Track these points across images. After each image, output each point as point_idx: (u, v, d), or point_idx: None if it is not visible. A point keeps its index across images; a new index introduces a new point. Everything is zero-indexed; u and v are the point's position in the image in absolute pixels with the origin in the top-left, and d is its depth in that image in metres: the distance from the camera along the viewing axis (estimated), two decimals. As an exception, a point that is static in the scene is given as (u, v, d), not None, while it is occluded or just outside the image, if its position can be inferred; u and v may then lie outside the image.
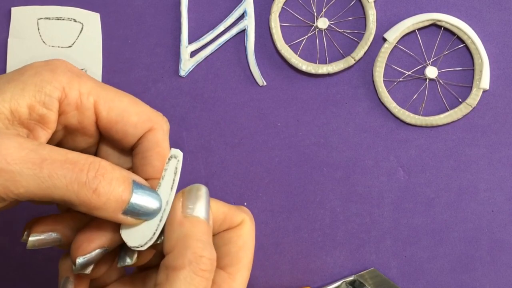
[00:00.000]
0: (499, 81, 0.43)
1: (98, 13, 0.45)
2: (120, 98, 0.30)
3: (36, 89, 0.28)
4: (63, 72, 0.29)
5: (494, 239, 0.43)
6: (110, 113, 0.30)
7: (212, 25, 0.45)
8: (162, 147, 0.31)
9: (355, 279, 0.43)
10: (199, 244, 0.28)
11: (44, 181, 0.26)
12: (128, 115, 0.30)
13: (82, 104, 0.29)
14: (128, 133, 0.30)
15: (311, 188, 0.44)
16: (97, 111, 0.30)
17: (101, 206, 0.27)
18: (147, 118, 0.30)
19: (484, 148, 0.43)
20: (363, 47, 0.43)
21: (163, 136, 0.31)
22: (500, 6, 0.43)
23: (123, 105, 0.30)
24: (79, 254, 0.29)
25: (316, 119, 0.44)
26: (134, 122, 0.30)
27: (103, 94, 0.30)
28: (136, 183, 0.28)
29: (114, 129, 0.30)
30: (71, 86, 0.29)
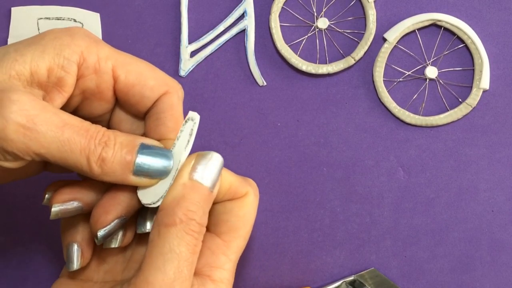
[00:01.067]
0: (499, 81, 0.43)
1: (98, 13, 0.45)
2: (137, 63, 0.31)
3: (55, 52, 0.29)
4: (82, 37, 0.30)
5: (494, 239, 0.43)
6: (128, 76, 0.31)
7: (212, 25, 0.45)
8: (176, 110, 0.32)
9: (355, 279, 0.43)
10: (193, 208, 0.28)
11: (64, 145, 0.27)
12: (146, 78, 0.31)
13: (100, 68, 0.30)
14: (144, 96, 0.31)
15: (311, 188, 0.44)
16: (115, 74, 0.31)
17: (107, 171, 0.28)
18: (163, 82, 0.32)
19: (484, 148, 0.43)
20: (363, 47, 0.43)
21: (177, 100, 0.32)
22: (500, 6, 0.43)
23: (141, 69, 0.31)
24: (99, 227, 0.30)
25: (316, 119, 0.44)
26: (151, 85, 0.31)
27: (120, 58, 0.31)
28: (144, 144, 0.29)
29: (132, 92, 0.31)
30: (90, 50, 0.30)
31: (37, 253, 0.46)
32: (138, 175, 0.29)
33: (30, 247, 0.46)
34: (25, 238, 0.46)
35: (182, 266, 0.28)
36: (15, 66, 0.28)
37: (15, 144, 0.26)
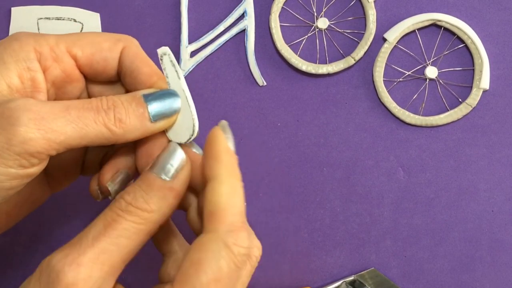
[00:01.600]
0: (499, 81, 0.43)
1: (98, 13, 0.45)
2: (84, 35, 0.33)
3: (13, 60, 0.30)
4: (26, 37, 0.31)
5: (494, 239, 0.43)
6: (84, 49, 0.32)
7: (212, 25, 0.45)
8: (142, 56, 0.33)
9: (355, 279, 0.43)
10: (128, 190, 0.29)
11: (76, 123, 0.28)
12: (99, 43, 0.32)
13: (57, 54, 0.31)
14: (107, 59, 0.32)
15: (311, 188, 0.44)
16: (72, 53, 0.32)
17: (129, 128, 0.29)
18: (116, 39, 0.33)
19: (484, 148, 0.43)
20: (363, 47, 0.43)
21: (137, 48, 0.33)
22: (500, 6, 0.43)
23: (91, 38, 0.32)
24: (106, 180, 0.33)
25: (316, 119, 0.44)
26: (107, 47, 0.32)
27: (69, 38, 0.32)
28: (145, 94, 0.30)
29: (95, 61, 0.32)
30: (40, 44, 0.31)
31: (37, 253, 0.46)
32: (156, 120, 0.30)
33: (30, 247, 0.46)
34: (25, 238, 0.46)
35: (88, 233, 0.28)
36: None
37: (37, 142, 0.27)
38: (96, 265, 0.27)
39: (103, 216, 0.28)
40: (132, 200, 0.29)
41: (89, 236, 0.28)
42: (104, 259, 0.27)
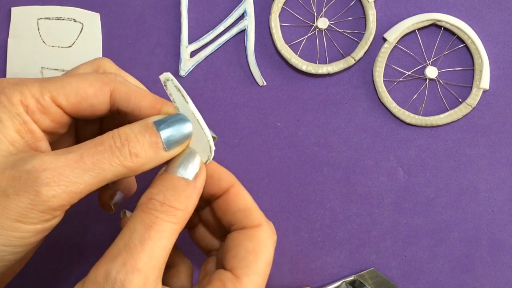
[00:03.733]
0: (499, 81, 0.43)
1: (98, 13, 0.45)
2: (68, 80, 0.32)
3: (8, 117, 0.30)
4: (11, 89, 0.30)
5: (494, 239, 0.43)
6: (68, 99, 0.31)
7: (212, 25, 0.45)
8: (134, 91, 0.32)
9: (355, 279, 0.43)
10: (154, 191, 0.29)
11: (93, 170, 0.28)
12: (84, 91, 0.32)
13: (43, 106, 0.31)
14: (94, 105, 0.32)
15: (311, 188, 0.44)
16: (57, 103, 0.31)
17: (144, 161, 0.29)
18: (101, 84, 0.32)
19: (484, 148, 0.43)
20: (363, 47, 0.43)
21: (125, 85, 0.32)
22: (500, 6, 0.43)
23: (74, 85, 0.32)
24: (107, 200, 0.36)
25: (316, 119, 0.44)
26: (92, 94, 0.32)
27: (52, 86, 0.31)
28: (156, 121, 0.30)
29: (81, 109, 0.32)
30: (25, 96, 0.30)
31: (37, 253, 0.46)
32: (169, 149, 0.30)
33: (30, 247, 0.46)
34: (25, 238, 0.46)
35: (134, 239, 0.28)
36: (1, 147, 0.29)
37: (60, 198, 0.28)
38: (151, 269, 0.28)
39: (139, 219, 0.29)
40: (165, 200, 0.29)
41: (135, 241, 0.28)
42: (154, 262, 0.28)
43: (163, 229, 0.29)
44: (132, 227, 0.29)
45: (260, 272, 0.32)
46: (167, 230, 0.29)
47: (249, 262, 0.32)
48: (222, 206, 0.34)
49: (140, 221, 0.29)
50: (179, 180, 0.30)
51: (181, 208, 0.30)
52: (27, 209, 0.27)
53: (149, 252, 0.28)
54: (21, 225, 0.28)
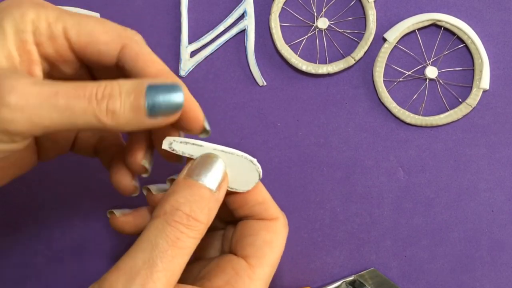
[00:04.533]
0: (499, 81, 0.43)
1: (98, 13, 0.45)
2: (87, 20, 0.31)
3: (13, 31, 0.29)
4: (29, 6, 0.30)
5: (494, 239, 0.43)
6: (79, 36, 0.30)
7: (212, 25, 0.45)
8: (145, 55, 0.31)
9: (355, 279, 0.43)
10: (181, 200, 0.29)
11: (63, 111, 0.27)
12: (97, 34, 0.31)
13: (52, 33, 0.30)
14: (101, 53, 0.31)
15: (311, 188, 0.44)
16: (67, 36, 0.30)
17: (121, 121, 0.28)
18: (116, 35, 0.31)
19: (484, 148, 0.43)
20: (363, 47, 0.43)
21: (139, 46, 0.31)
22: (500, 6, 0.43)
23: (90, 26, 0.31)
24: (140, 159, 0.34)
25: (316, 119, 0.44)
26: (104, 40, 0.31)
27: (70, 19, 0.30)
28: (151, 85, 0.29)
29: (88, 51, 0.31)
30: (39, 17, 0.30)
31: (38, 253, 0.46)
32: (152, 116, 0.28)
33: (30, 247, 0.46)
34: (25, 238, 0.46)
35: (155, 256, 0.27)
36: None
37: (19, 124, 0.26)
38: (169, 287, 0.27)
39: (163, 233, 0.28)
40: (191, 212, 0.28)
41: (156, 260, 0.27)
42: (173, 279, 0.28)
43: (186, 246, 0.28)
44: (153, 242, 0.27)
45: (273, 264, 0.32)
46: (189, 246, 0.28)
47: (264, 253, 0.32)
48: (240, 200, 0.34)
49: (163, 236, 0.28)
50: (205, 190, 0.30)
51: (204, 221, 0.29)
52: None
53: (170, 271, 0.27)
54: None
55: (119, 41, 0.31)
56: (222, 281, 0.31)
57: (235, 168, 0.31)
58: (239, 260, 0.32)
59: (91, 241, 0.46)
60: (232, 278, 0.31)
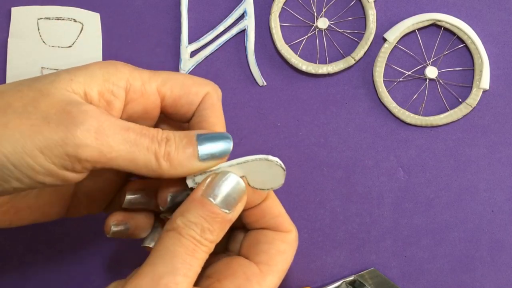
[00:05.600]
0: (499, 81, 0.43)
1: (98, 13, 0.45)
2: (175, 76, 0.34)
3: (103, 79, 0.31)
4: (123, 66, 0.32)
5: (494, 239, 0.43)
6: (173, 90, 0.33)
7: (212, 25, 0.45)
8: (217, 107, 0.34)
9: (355, 279, 0.43)
10: (194, 219, 0.30)
11: (131, 145, 0.29)
12: (189, 87, 0.33)
13: (146, 91, 0.32)
14: (192, 103, 0.33)
15: (311, 188, 0.44)
16: (161, 93, 0.33)
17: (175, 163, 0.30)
18: (204, 85, 0.34)
19: (484, 148, 0.43)
20: (363, 47, 0.43)
21: (217, 99, 0.34)
22: (500, 6, 0.43)
23: (181, 80, 0.34)
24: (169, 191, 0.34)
25: (316, 119, 0.44)
26: (195, 91, 0.33)
27: (160, 78, 0.33)
28: (199, 133, 0.31)
29: (179, 104, 0.33)
30: (133, 76, 0.32)
31: (37, 253, 0.46)
32: (204, 159, 0.30)
33: (30, 247, 0.46)
34: (25, 238, 0.46)
35: (177, 263, 0.29)
36: (71, 84, 0.30)
37: (89, 150, 0.28)
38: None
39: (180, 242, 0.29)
40: (202, 233, 0.30)
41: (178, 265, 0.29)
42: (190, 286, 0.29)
43: (200, 257, 0.30)
44: (172, 250, 0.29)
45: (282, 274, 0.33)
46: (202, 258, 0.30)
47: (277, 262, 0.33)
48: (257, 214, 0.35)
49: (180, 245, 0.29)
50: (218, 212, 0.30)
51: (214, 240, 0.30)
52: (55, 143, 0.27)
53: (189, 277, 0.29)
54: (40, 156, 0.27)
55: (205, 90, 0.34)
56: (233, 285, 0.32)
57: (258, 173, 0.32)
58: (251, 265, 0.33)
59: (91, 241, 0.46)
60: (243, 282, 0.32)
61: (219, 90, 0.35)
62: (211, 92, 0.34)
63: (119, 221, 0.35)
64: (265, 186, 0.33)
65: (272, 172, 0.32)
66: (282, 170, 0.32)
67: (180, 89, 0.33)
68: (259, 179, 0.32)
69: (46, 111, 0.28)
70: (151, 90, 0.33)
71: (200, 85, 0.34)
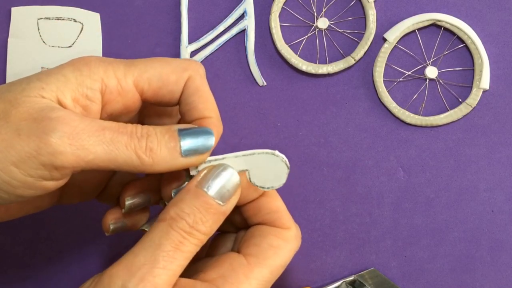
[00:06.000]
0: (499, 81, 0.43)
1: (98, 13, 0.45)
2: (152, 65, 0.32)
3: (77, 83, 0.30)
4: (97, 64, 0.31)
5: (494, 239, 0.43)
6: (151, 84, 0.32)
7: (212, 25, 0.45)
8: (203, 90, 0.33)
9: (355, 279, 0.43)
10: (187, 210, 0.29)
11: (109, 145, 0.28)
12: (167, 76, 0.32)
13: (123, 89, 0.31)
14: (173, 92, 0.32)
15: (311, 188, 0.44)
16: (138, 88, 0.32)
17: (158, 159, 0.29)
18: (183, 69, 0.32)
19: (484, 148, 0.43)
20: (363, 47, 0.43)
21: (200, 80, 0.33)
22: (500, 6, 0.43)
23: (158, 70, 0.32)
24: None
25: (316, 119, 0.44)
26: (174, 80, 0.32)
27: (137, 70, 0.32)
28: (180, 128, 0.30)
29: (160, 95, 0.32)
30: (108, 75, 0.31)
31: (38, 253, 0.46)
32: (187, 155, 0.30)
33: (30, 247, 0.46)
34: (25, 238, 0.46)
35: (158, 255, 0.28)
36: (42, 93, 0.29)
37: (65, 157, 0.27)
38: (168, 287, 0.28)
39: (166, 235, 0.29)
40: (193, 223, 0.29)
41: (158, 257, 0.28)
42: (171, 280, 0.28)
43: (188, 250, 0.29)
44: (157, 242, 0.28)
45: (272, 269, 0.32)
46: (191, 251, 0.29)
47: (267, 256, 0.32)
48: (254, 209, 0.34)
49: (167, 237, 0.29)
50: (212, 203, 0.30)
51: (206, 233, 0.30)
52: (29, 155, 0.27)
53: (170, 270, 0.28)
54: (15, 171, 0.27)
55: (186, 75, 0.33)
56: (216, 274, 0.31)
57: (262, 168, 0.32)
58: (239, 257, 0.32)
59: (91, 241, 0.46)
60: (227, 272, 0.31)
61: (201, 69, 0.34)
62: (193, 76, 0.33)
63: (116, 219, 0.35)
64: (266, 184, 0.32)
65: (276, 169, 0.32)
66: (286, 168, 0.32)
67: (158, 80, 0.32)
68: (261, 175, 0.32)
69: (17, 123, 0.27)
70: (128, 87, 0.31)
71: (179, 72, 0.32)
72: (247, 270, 0.31)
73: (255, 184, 0.32)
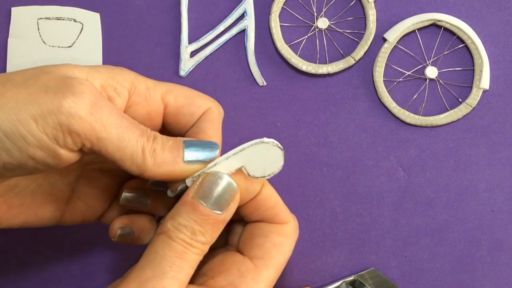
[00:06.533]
0: (499, 81, 0.43)
1: (98, 13, 0.45)
2: (179, 87, 0.34)
3: (108, 76, 0.31)
4: (130, 71, 0.33)
5: (494, 239, 0.43)
6: (177, 99, 0.34)
7: (212, 25, 0.45)
8: (217, 123, 0.34)
9: (355, 279, 0.43)
10: (184, 222, 0.30)
11: (123, 132, 0.29)
12: (193, 98, 0.34)
13: (150, 96, 0.33)
14: (194, 114, 0.34)
15: (311, 188, 0.44)
16: (164, 100, 0.33)
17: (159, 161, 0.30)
18: (207, 99, 0.35)
19: (484, 148, 0.43)
20: (363, 47, 0.43)
21: (218, 116, 0.35)
22: (500, 6, 0.43)
23: (185, 91, 0.34)
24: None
25: (316, 119, 0.44)
26: (198, 103, 0.34)
27: (165, 86, 0.34)
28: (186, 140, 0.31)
29: (181, 114, 0.34)
30: (139, 80, 0.33)
31: (37, 253, 0.46)
32: (189, 162, 0.31)
33: (30, 247, 0.46)
34: (25, 238, 0.46)
35: (165, 266, 0.28)
36: (74, 71, 0.30)
37: (82, 123, 0.27)
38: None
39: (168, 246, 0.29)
40: (192, 236, 0.30)
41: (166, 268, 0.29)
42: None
43: (191, 259, 0.30)
44: (161, 253, 0.29)
45: (279, 267, 0.33)
46: (195, 260, 0.30)
47: (272, 256, 0.33)
48: (252, 207, 0.34)
49: (170, 248, 0.29)
50: (209, 214, 0.30)
51: (207, 242, 0.30)
52: (50, 111, 0.27)
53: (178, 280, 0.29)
54: (33, 125, 0.27)
55: (208, 105, 0.34)
56: (226, 281, 0.31)
57: (256, 159, 0.32)
58: (245, 260, 0.32)
59: (91, 241, 0.46)
60: (236, 278, 0.31)
61: (221, 108, 0.35)
62: (213, 108, 0.34)
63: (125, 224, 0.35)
64: (266, 173, 0.32)
65: (270, 155, 0.32)
66: (280, 150, 0.32)
67: (184, 99, 0.34)
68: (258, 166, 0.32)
69: (46, 83, 0.28)
70: (155, 96, 0.33)
71: (203, 99, 0.34)
72: (255, 274, 0.32)
73: (255, 177, 0.32)
